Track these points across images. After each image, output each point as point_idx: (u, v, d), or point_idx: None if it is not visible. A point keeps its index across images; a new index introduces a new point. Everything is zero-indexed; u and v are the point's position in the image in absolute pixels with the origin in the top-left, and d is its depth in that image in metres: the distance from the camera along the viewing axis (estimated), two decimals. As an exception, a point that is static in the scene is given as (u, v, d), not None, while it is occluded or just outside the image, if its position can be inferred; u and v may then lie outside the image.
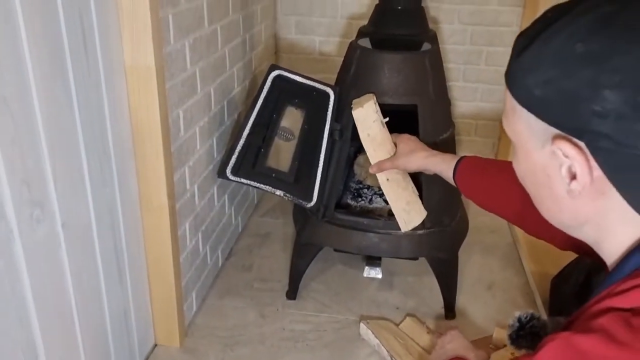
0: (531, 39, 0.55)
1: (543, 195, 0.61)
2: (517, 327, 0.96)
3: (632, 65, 0.48)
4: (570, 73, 0.51)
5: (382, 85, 1.46)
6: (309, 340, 1.53)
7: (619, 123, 0.49)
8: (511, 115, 0.60)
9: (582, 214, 0.58)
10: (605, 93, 0.49)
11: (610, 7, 0.51)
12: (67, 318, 1.08)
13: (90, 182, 1.10)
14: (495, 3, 2.10)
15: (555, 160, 0.56)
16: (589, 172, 0.53)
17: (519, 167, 0.64)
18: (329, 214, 1.55)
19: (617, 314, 0.51)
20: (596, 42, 0.50)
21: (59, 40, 0.96)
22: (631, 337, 0.48)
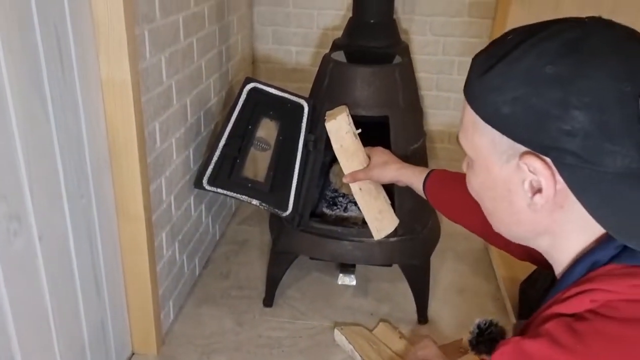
0: (497, 59, 0.57)
1: (500, 208, 0.64)
2: (477, 334, 1.01)
3: (598, 88, 0.51)
4: (540, 93, 0.53)
5: (354, 97, 1.50)
6: (285, 347, 1.56)
7: (585, 141, 0.52)
8: (471, 131, 0.62)
9: (539, 227, 0.61)
10: (575, 113, 0.52)
11: (574, 34, 0.54)
12: (44, 328, 1.10)
13: (67, 195, 1.12)
14: (465, 15, 2.16)
15: (519, 174, 0.58)
16: (554, 186, 0.56)
17: (475, 180, 0.66)
18: (304, 223, 1.59)
19: (561, 320, 0.54)
20: (565, 65, 0.53)
21: (36, 56, 0.98)
22: (573, 341, 0.52)
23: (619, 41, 0.54)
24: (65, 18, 1.06)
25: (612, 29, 0.55)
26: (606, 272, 0.56)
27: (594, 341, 0.51)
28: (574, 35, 0.54)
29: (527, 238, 0.65)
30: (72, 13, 1.07)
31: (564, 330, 0.53)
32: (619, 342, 0.51)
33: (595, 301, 0.54)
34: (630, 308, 0.52)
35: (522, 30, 0.58)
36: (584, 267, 0.58)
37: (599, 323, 0.52)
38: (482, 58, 0.60)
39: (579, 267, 0.58)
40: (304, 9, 2.23)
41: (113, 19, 1.14)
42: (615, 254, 0.56)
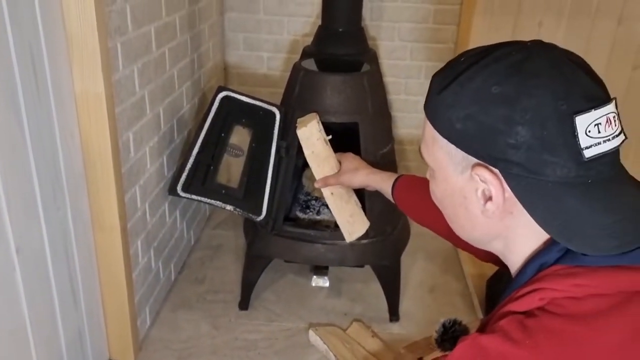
0: (451, 79, 0.62)
1: (459, 214, 0.69)
2: (442, 332, 1.08)
3: (538, 106, 0.57)
4: (487, 110, 0.59)
5: (325, 104, 1.54)
6: (261, 349, 1.60)
7: (528, 153, 0.57)
8: (431, 144, 0.67)
9: (493, 231, 0.66)
10: (518, 128, 0.57)
11: (519, 55, 0.60)
12: (22, 339, 1.11)
13: (42, 207, 1.14)
14: (431, 22, 2.23)
15: (472, 184, 0.64)
16: (502, 194, 0.61)
17: (436, 189, 0.72)
18: (278, 227, 1.63)
19: (514, 317, 0.59)
20: (509, 85, 0.58)
21: (11, 73, 1.00)
22: (523, 336, 0.56)
23: (558, 63, 0.60)
24: (39, 35, 1.08)
25: (552, 52, 0.61)
26: (552, 273, 0.60)
27: (540, 336, 0.56)
28: (518, 58, 0.60)
29: (484, 241, 0.70)
30: (45, 30, 1.09)
31: (516, 326, 0.58)
32: (562, 336, 0.56)
33: (543, 299, 0.58)
34: (572, 305, 0.57)
35: (474, 53, 0.64)
36: (534, 268, 0.63)
37: (545, 319, 0.57)
38: (439, 78, 0.65)
39: (529, 269, 0.63)
40: (274, 16, 2.27)
41: (86, 33, 1.17)
42: (560, 256, 0.61)
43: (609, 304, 0.57)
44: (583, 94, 0.58)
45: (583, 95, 0.58)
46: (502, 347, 0.57)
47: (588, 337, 0.55)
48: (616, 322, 0.56)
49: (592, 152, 0.57)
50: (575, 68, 0.60)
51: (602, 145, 0.58)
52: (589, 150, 0.57)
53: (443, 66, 0.67)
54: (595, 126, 0.57)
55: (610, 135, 0.58)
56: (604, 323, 0.56)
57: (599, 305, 0.56)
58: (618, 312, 0.56)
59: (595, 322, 0.56)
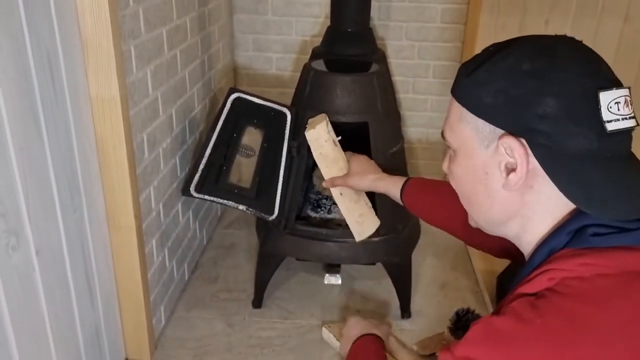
0: (481, 62, 0.67)
1: (479, 192, 0.72)
2: (455, 320, 1.11)
3: (566, 81, 0.62)
4: (518, 83, 0.63)
5: (335, 105, 1.56)
6: (275, 346, 1.62)
7: (555, 124, 0.62)
8: (456, 124, 0.71)
9: (512, 207, 0.69)
10: (547, 99, 0.62)
11: (546, 41, 0.66)
12: (42, 337, 1.14)
13: (60, 209, 1.16)
14: (438, 21, 2.24)
15: (496, 157, 0.67)
16: (526, 165, 0.65)
17: (457, 168, 0.75)
18: (290, 226, 1.64)
19: (524, 298, 0.62)
20: (539, 61, 0.63)
21: (29, 78, 1.02)
22: (533, 315, 0.59)
23: (583, 50, 0.66)
24: (56, 40, 1.10)
25: (576, 43, 0.67)
26: (560, 256, 0.64)
27: (550, 315, 0.59)
28: (547, 43, 0.66)
29: (500, 222, 0.72)
30: (62, 35, 1.11)
31: (526, 306, 0.61)
32: (570, 315, 0.58)
33: (552, 279, 0.62)
34: (580, 285, 0.60)
35: (502, 43, 0.69)
36: (543, 254, 0.66)
37: (554, 299, 0.60)
38: (469, 63, 0.70)
39: (539, 255, 0.67)
40: (282, 17, 2.28)
41: (101, 37, 1.19)
42: (568, 240, 0.64)
43: (614, 284, 0.59)
44: (604, 76, 0.63)
45: (605, 76, 0.63)
46: (514, 327, 0.60)
47: (595, 315, 0.57)
48: (621, 302, 0.58)
49: (613, 127, 0.62)
50: (597, 57, 0.66)
51: (621, 122, 0.62)
52: (611, 124, 0.61)
53: (471, 57, 0.71)
54: (616, 104, 0.62)
55: (627, 115, 0.63)
56: (609, 302, 0.58)
57: (605, 285, 0.59)
58: (623, 292, 0.59)
59: (601, 301, 0.58)
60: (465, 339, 0.63)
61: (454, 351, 0.64)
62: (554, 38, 0.66)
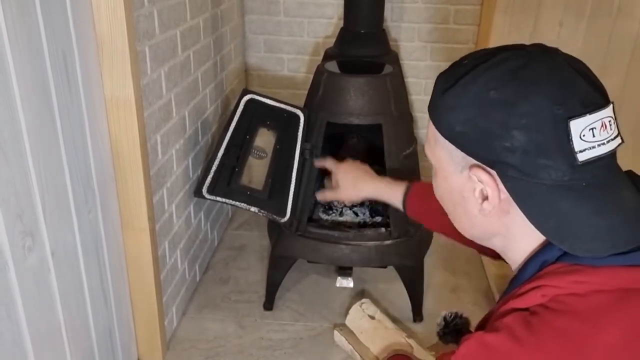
0: (453, 82, 0.64)
1: (459, 213, 0.72)
2: (443, 325, 1.11)
3: (534, 112, 0.59)
4: (485, 114, 0.61)
5: (348, 106, 1.55)
6: (286, 349, 1.62)
7: (524, 157, 0.60)
8: (433, 144, 0.70)
9: (491, 229, 0.69)
10: (514, 132, 0.59)
11: (517, 61, 0.62)
12: (56, 337, 1.14)
13: (75, 211, 1.16)
14: (451, 22, 2.22)
15: (470, 183, 0.66)
16: (498, 195, 0.64)
17: (438, 188, 0.75)
18: (302, 228, 1.64)
19: (518, 314, 0.61)
20: (506, 91, 0.60)
21: (45, 78, 1.03)
22: (527, 333, 0.58)
23: (556, 68, 0.61)
24: (72, 41, 1.10)
25: (552, 57, 0.63)
26: (554, 270, 0.62)
27: (544, 333, 0.58)
28: (517, 64, 0.62)
29: (484, 239, 0.72)
30: (77, 35, 1.11)
31: (520, 324, 0.59)
32: (565, 333, 0.57)
33: (545, 296, 0.60)
34: (574, 302, 0.58)
35: (477, 55, 0.66)
36: (535, 266, 0.64)
37: (548, 316, 0.58)
38: (443, 79, 0.68)
39: (531, 266, 0.65)
40: (294, 18, 2.28)
41: (116, 38, 1.19)
42: (561, 254, 0.62)
43: (609, 301, 0.58)
44: (579, 99, 0.59)
45: (579, 100, 0.59)
46: (507, 345, 0.59)
47: (590, 334, 0.56)
48: (617, 320, 0.57)
49: (586, 156, 0.59)
50: (574, 74, 0.61)
51: (597, 149, 0.59)
52: (583, 154, 0.59)
53: (448, 67, 0.69)
54: (590, 130, 0.59)
55: (605, 139, 0.60)
56: (605, 320, 0.57)
57: (600, 302, 0.58)
58: (618, 310, 0.57)
59: (597, 319, 0.57)
60: (458, 353, 0.62)
61: None
62: (527, 55, 0.63)
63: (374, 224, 1.70)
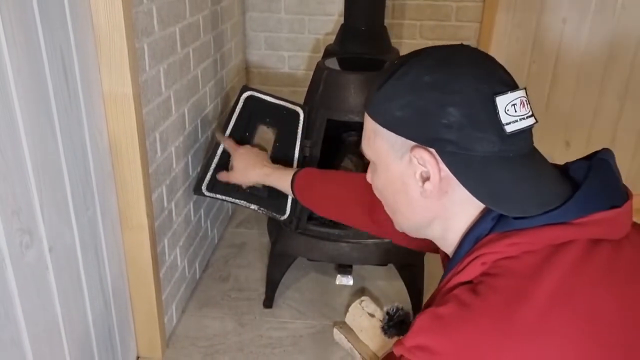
0: (388, 77, 0.70)
1: (399, 201, 0.76)
2: (387, 319, 1.13)
3: (464, 88, 0.66)
4: (422, 96, 0.67)
5: (348, 104, 1.54)
6: (286, 346, 1.61)
7: (460, 132, 0.66)
8: (372, 138, 0.74)
9: (431, 211, 0.73)
10: (449, 109, 0.65)
11: (444, 52, 0.70)
12: (55, 335, 1.14)
13: (73, 207, 1.16)
14: (453, 19, 2.21)
15: (411, 168, 0.71)
16: (439, 173, 0.68)
17: (378, 181, 0.79)
18: (302, 226, 1.63)
19: (464, 286, 0.66)
20: (438, 73, 0.67)
21: (42, 74, 1.02)
22: (473, 298, 0.63)
23: (477, 57, 0.70)
24: (70, 37, 1.10)
25: (472, 50, 0.72)
26: (488, 240, 0.67)
27: (488, 294, 0.62)
28: (444, 53, 0.70)
29: (423, 226, 0.76)
30: (75, 31, 1.11)
31: (466, 292, 0.64)
32: (506, 291, 0.62)
33: (485, 264, 0.65)
34: (511, 264, 0.64)
35: (407, 55, 0.73)
36: (470, 242, 0.69)
37: (490, 281, 0.64)
38: (377, 78, 0.73)
39: (466, 243, 0.70)
40: (295, 15, 2.27)
41: (114, 35, 1.18)
42: (492, 225, 0.68)
43: (540, 258, 0.63)
44: (499, 79, 0.68)
45: (500, 80, 0.67)
46: (457, 311, 0.63)
47: (528, 286, 0.61)
48: (550, 271, 0.62)
49: (512, 128, 0.66)
50: (492, 62, 0.70)
51: (519, 122, 0.66)
52: (509, 126, 0.66)
53: (380, 72, 0.75)
54: (512, 106, 0.66)
55: (524, 115, 0.67)
56: (538, 274, 0.62)
57: (532, 260, 0.63)
58: (550, 263, 0.63)
59: (531, 274, 0.62)
60: (413, 330, 0.66)
61: (405, 342, 0.66)
62: (452, 48, 0.70)
63: (374, 221, 1.69)
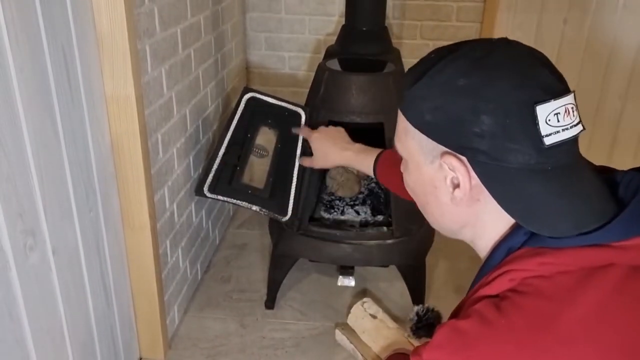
0: (421, 74, 0.66)
1: (430, 203, 0.73)
2: (416, 320, 1.12)
3: (500, 96, 0.61)
4: (454, 101, 0.63)
5: (350, 105, 1.54)
6: (287, 348, 1.61)
7: (492, 141, 0.61)
8: (404, 136, 0.71)
9: (461, 218, 0.70)
10: (483, 117, 0.61)
11: (480, 52, 0.64)
12: (58, 336, 1.14)
13: (76, 209, 1.15)
14: (454, 19, 2.21)
15: (441, 172, 0.67)
16: (469, 181, 0.65)
17: (409, 179, 0.75)
18: (304, 227, 1.63)
19: (488, 300, 0.63)
20: (473, 77, 0.62)
21: (45, 76, 1.02)
22: (497, 315, 0.60)
23: (519, 58, 0.64)
24: (72, 38, 1.09)
25: (515, 48, 0.65)
26: (520, 255, 0.63)
27: (513, 314, 0.59)
28: (482, 53, 0.64)
29: (454, 230, 0.73)
30: (77, 33, 1.11)
31: (490, 307, 0.61)
32: (534, 313, 0.59)
33: (513, 280, 0.62)
34: (541, 283, 0.60)
35: (442, 50, 0.68)
36: (502, 252, 0.66)
37: (517, 299, 0.60)
38: (412, 72, 0.69)
39: (498, 254, 0.66)
40: (295, 15, 2.27)
41: (116, 36, 1.18)
42: (526, 239, 0.64)
43: (573, 280, 0.59)
44: (542, 86, 0.61)
45: (542, 87, 0.61)
46: (478, 328, 0.60)
47: (557, 311, 0.58)
48: (582, 296, 0.59)
49: (551, 140, 0.61)
50: (536, 63, 0.64)
51: (561, 133, 0.61)
52: (549, 137, 0.61)
53: (415, 64, 0.70)
54: (555, 115, 0.61)
55: (569, 124, 0.62)
56: (570, 298, 0.59)
57: (565, 282, 0.60)
58: (583, 287, 0.59)
59: (562, 297, 0.59)
60: (432, 343, 0.64)
61: (422, 354, 0.64)
62: (491, 45, 0.65)
63: (376, 222, 1.69)
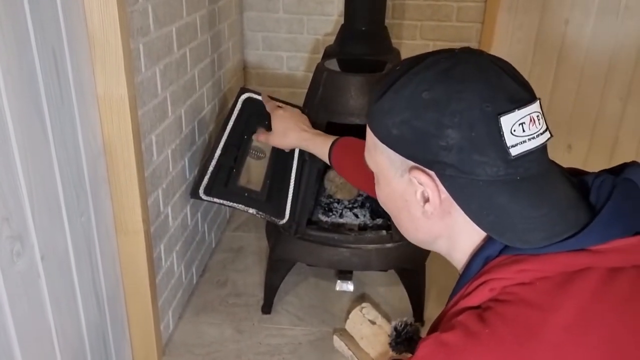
0: (387, 87, 0.65)
1: (403, 217, 0.72)
2: (395, 335, 1.09)
3: (465, 109, 0.60)
4: (419, 115, 0.62)
5: (348, 106, 1.51)
6: (285, 354, 1.58)
7: (459, 155, 0.60)
8: (373, 150, 0.70)
9: (435, 231, 0.69)
10: (448, 131, 0.60)
11: (446, 64, 0.63)
12: (47, 345, 1.10)
13: (67, 213, 1.12)
14: (454, 19, 2.18)
15: (411, 187, 0.66)
16: (439, 196, 0.64)
17: (380, 193, 0.74)
18: (301, 230, 1.60)
19: (471, 312, 0.61)
20: (437, 91, 0.61)
21: (34, 76, 0.98)
22: (481, 326, 0.59)
23: (483, 68, 0.63)
24: (62, 37, 1.06)
25: (478, 57, 0.64)
26: (497, 264, 0.62)
27: (496, 323, 0.58)
28: (446, 65, 0.63)
29: (428, 242, 0.73)
30: (68, 31, 1.07)
31: (473, 318, 0.60)
32: (517, 320, 0.58)
33: (493, 289, 0.61)
34: (522, 290, 0.59)
35: (408, 61, 0.67)
36: (479, 262, 0.65)
37: (499, 308, 0.59)
38: (377, 87, 0.68)
39: (475, 264, 0.65)
40: (293, 15, 2.24)
41: (109, 34, 1.15)
42: (502, 247, 0.63)
43: (554, 285, 0.59)
44: (507, 96, 0.61)
45: (507, 97, 0.60)
46: (463, 340, 0.59)
47: (541, 318, 0.57)
48: (564, 301, 0.58)
49: (518, 150, 0.60)
50: (500, 72, 0.62)
51: (527, 143, 0.61)
52: (515, 148, 0.60)
53: (382, 75, 0.70)
54: (520, 125, 0.60)
55: (535, 133, 0.61)
56: (552, 303, 0.58)
57: (546, 287, 0.59)
58: (564, 292, 0.59)
59: (544, 304, 0.58)
60: (416, 357, 0.62)
61: None
62: (454, 56, 0.64)
63: (375, 226, 1.66)
